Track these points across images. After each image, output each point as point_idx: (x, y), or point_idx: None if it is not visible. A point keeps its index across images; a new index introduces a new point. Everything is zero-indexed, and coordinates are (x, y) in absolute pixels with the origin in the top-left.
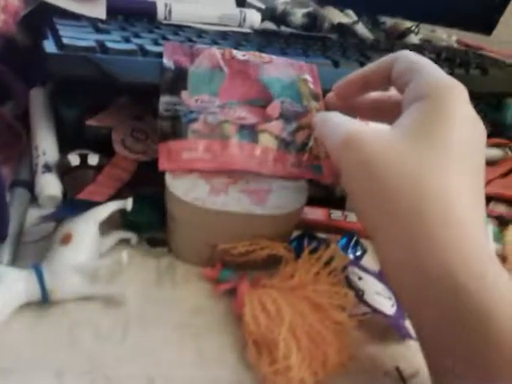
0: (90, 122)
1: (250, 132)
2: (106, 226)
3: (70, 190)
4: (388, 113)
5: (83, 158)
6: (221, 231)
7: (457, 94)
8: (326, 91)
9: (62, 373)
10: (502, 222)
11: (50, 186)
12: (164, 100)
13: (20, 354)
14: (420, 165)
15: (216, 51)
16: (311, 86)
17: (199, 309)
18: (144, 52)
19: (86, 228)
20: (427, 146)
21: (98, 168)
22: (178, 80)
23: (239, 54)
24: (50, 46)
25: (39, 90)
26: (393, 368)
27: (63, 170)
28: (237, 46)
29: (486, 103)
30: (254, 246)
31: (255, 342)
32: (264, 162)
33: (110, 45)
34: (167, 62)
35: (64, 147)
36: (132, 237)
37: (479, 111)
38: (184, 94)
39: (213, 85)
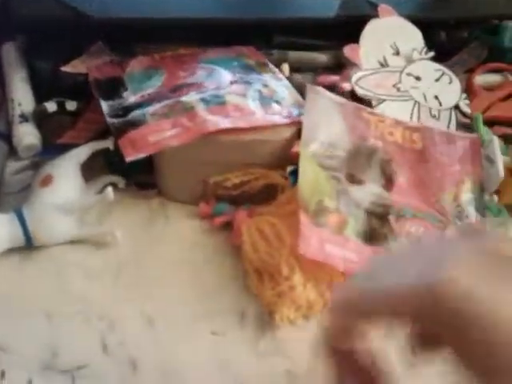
0: (65, 68)
1: (214, 97)
2: (92, 173)
3: (48, 137)
4: None
5: (61, 105)
6: (212, 162)
7: None
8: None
9: (52, 314)
10: (506, 140)
11: (28, 134)
12: (107, 103)
13: (7, 298)
14: None
15: (142, 58)
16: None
17: (195, 244)
18: None
19: (67, 169)
20: None
21: (76, 114)
22: (114, 86)
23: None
24: None
25: (10, 45)
26: None
27: (40, 118)
28: None
29: (481, 28)
30: (249, 175)
31: (256, 270)
32: (241, 116)
33: None
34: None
35: (40, 99)
36: (119, 181)
37: (475, 37)
38: (126, 94)
39: (153, 81)
